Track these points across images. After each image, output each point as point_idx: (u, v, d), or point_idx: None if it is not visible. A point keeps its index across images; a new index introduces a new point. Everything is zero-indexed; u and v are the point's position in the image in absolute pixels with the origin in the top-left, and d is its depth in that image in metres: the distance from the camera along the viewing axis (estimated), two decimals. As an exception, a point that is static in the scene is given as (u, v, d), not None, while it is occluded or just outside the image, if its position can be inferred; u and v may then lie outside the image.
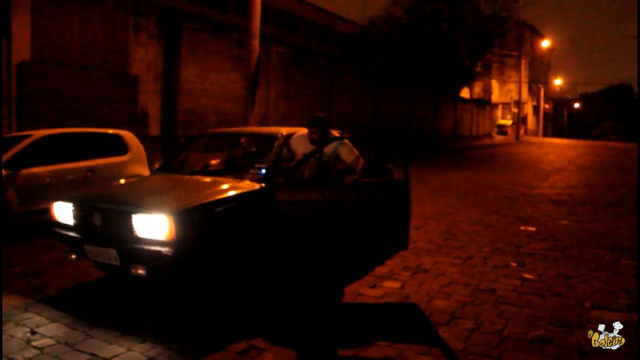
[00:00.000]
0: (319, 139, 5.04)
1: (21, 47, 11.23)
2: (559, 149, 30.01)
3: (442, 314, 4.26)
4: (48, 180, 7.39)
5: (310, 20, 27.53)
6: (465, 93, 39.39)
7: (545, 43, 46.03)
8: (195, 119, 15.12)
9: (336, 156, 5.09)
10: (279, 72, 18.44)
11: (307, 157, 4.83)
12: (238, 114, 16.10)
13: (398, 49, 28.54)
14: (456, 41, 32.03)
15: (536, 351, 3.61)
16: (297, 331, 3.96)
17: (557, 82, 56.76)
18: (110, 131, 8.91)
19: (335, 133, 5.39)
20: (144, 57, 13.99)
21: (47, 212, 5.12)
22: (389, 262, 5.53)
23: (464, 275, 5.30)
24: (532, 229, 7.69)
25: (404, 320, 4.25)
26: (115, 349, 3.60)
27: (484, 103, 42.14)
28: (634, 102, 59.75)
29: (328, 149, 5.02)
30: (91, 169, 7.85)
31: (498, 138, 41.23)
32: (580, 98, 67.54)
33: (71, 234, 4.78)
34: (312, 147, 4.97)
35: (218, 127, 15.64)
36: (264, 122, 16.51)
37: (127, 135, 8.78)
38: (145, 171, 8.36)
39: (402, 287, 4.91)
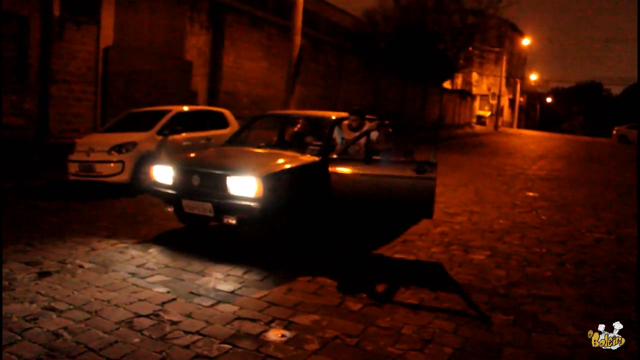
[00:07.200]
0: (357, 125, 6.42)
1: (107, 34, 13.22)
2: (536, 140, 33.14)
3: (501, 230, 7.13)
4: (183, 145, 9.74)
5: (324, 16, 30.20)
6: (447, 84, 41.98)
7: (526, 41, 48.79)
8: (232, 100, 17.25)
9: (370, 139, 6.18)
10: (299, 61, 20.73)
11: (355, 139, 6.00)
12: (266, 97, 18.47)
13: (391, 41, 31.07)
14: (441, 35, 34.59)
15: (560, 244, 6.48)
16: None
17: (533, 77, 59.77)
18: (217, 109, 11.33)
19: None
20: (196, 45, 16.19)
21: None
22: (455, 207, 8.26)
23: (502, 215, 8.17)
24: (536, 194, 10.56)
25: (482, 232, 6.99)
26: (212, 269, 4.94)
27: (465, 94, 45.00)
28: (603, 99, 63.51)
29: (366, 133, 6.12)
30: (208, 138, 10.25)
31: (478, 127, 44.02)
32: (552, 93, 70.24)
33: (170, 191, 5.75)
34: (350, 132, 6.31)
35: (250, 108, 17.93)
36: (286, 106, 18.80)
37: (227, 113, 11.19)
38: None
39: (469, 219, 7.75)
